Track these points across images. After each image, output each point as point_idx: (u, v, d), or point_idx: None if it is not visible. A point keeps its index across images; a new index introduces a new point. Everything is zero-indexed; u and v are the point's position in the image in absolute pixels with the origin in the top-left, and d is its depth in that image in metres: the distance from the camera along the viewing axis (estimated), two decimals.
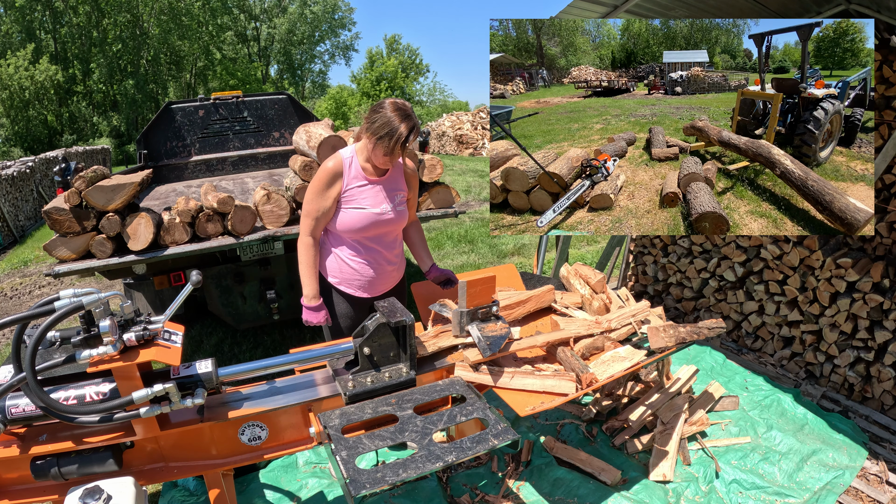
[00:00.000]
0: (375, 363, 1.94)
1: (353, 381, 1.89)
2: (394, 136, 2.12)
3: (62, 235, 2.85)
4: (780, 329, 3.74)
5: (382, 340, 1.92)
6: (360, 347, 1.90)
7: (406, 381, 1.93)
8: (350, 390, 1.85)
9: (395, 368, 1.95)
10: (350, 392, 1.85)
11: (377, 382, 1.89)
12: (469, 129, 19.32)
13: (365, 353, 1.91)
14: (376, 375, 1.92)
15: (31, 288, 7.01)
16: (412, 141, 2.18)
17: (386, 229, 2.42)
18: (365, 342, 1.90)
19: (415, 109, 32.16)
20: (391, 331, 1.92)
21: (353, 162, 2.32)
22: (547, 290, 2.56)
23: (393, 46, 42.38)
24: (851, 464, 2.77)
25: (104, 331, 1.55)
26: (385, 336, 1.92)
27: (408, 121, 2.14)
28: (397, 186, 2.42)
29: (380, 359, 1.94)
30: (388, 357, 1.95)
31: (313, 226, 2.34)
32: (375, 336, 1.90)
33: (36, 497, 1.78)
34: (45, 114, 28.34)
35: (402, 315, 1.89)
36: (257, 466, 2.84)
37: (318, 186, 2.30)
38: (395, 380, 1.92)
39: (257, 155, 5.61)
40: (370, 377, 1.91)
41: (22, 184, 11.18)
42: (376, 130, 2.15)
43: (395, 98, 2.22)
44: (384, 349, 1.93)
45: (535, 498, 2.59)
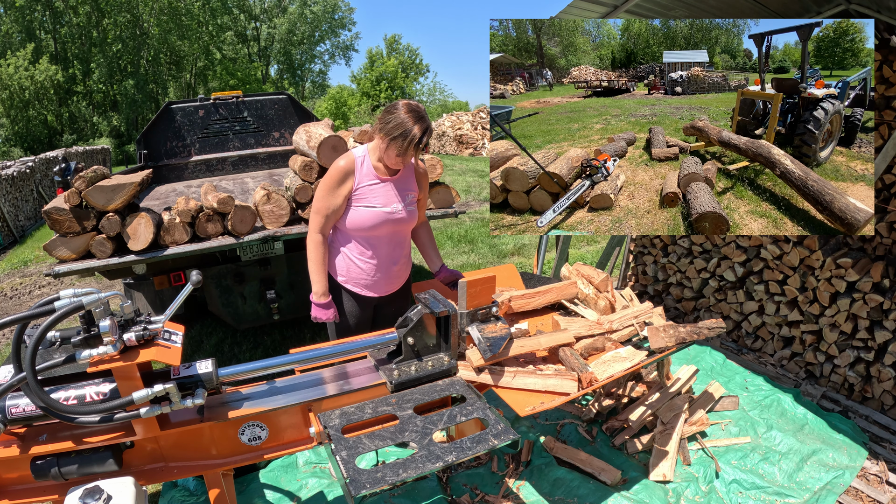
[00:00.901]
0: (418, 353, 2.00)
1: (398, 370, 1.95)
2: (407, 136, 2.15)
3: (62, 235, 2.85)
4: (780, 329, 3.74)
5: (426, 330, 1.98)
6: (405, 337, 1.95)
7: (448, 368, 1.99)
8: (396, 378, 1.92)
9: (436, 357, 2.01)
10: (396, 380, 1.91)
11: (421, 371, 1.96)
12: (469, 129, 19.32)
13: (409, 343, 1.96)
14: (419, 364, 1.98)
15: (31, 288, 7.01)
16: (425, 142, 2.22)
17: (395, 228, 2.43)
18: (409, 332, 1.95)
19: None
20: (434, 321, 1.98)
21: (366, 161, 2.34)
22: (570, 284, 2.58)
23: (393, 46, 42.40)
24: (851, 464, 2.77)
25: (104, 331, 1.55)
26: (428, 326, 1.98)
27: (421, 122, 2.17)
28: (409, 186, 2.43)
29: (421, 349, 2.00)
30: (428, 347, 2.01)
31: (323, 223, 2.36)
32: (419, 326, 1.96)
33: (36, 497, 1.78)
34: (45, 114, 28.34)
35: (444, 306, 1.95)
36: (257, 466, 2.84)
37: (329, 184, 2.32)
38: (438, 368, 1.98)
39: (257, 155, 5.61)
40: (414, 366, 1.97)
41: (22, 184, 11.18)
42: (390, 131, 2.18)
43: (408, 100, 2.25)
44: (426, 339, 1.99)
45: (535, 498, 2.59)
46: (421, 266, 6.53)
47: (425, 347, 2.00)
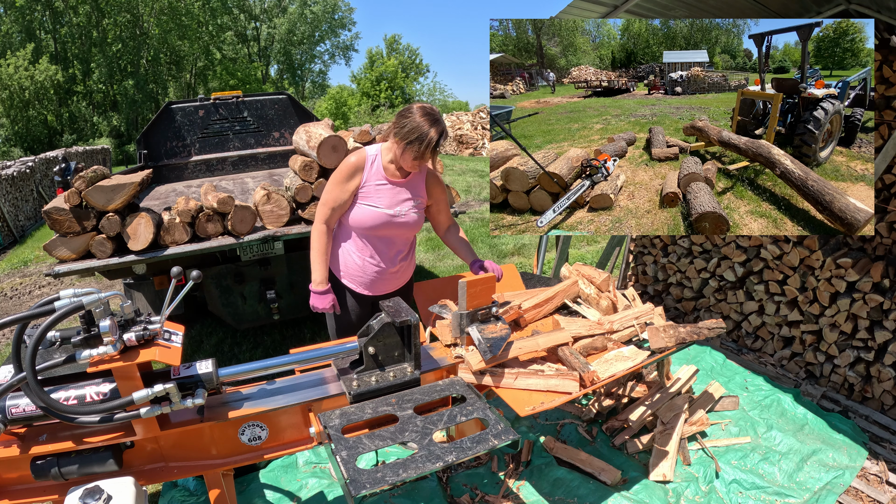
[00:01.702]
0: (380, 363, 1.94)
1: (358, 380, 1.89)
2: (424, 140, 2.16)
3: (62, 235, 2.85)
4: (780, 329, 3.74)
5: (387, 340, 1.92)
6: (365, 347, 1.90)
7: (410, 380, 1.93)
8: (355, 389, 1.86)
9: (399, 368, 1.95)
10: (355, 391, 1.85)
11: (382, 382, 1.90)
12: (469, 129, 19.32)
13: (370, 353, 1.91)
14: (381, 374, 1.92)
15: (31, 288, 7.01)
16: (442, 145, 2.24)
17: (396, 232, 2.43)
18: (370, 341, 1.90)
19: None
20: (396, 330, 1.92)
21: (377, 160, 2.36)
22: (572, 284, 2.58)
23: (393, 46, 42.37)
24: (851, 464, 2.77)
25: (104, 331, 1.55)
26: (390, 336, 1.92)
27: (437, 125, 2.18)
28: (417, 192, 2.43)
29: (384, 358, 1.94)
30: (392, 357, 1.95)
31: (329, 214, 2.38)
32: (380, 335, 1.90)
33: (36, 497, 1.78)
34: (45, 114, 28.33)
35: (406, 315, 1.89)
36: (257, 466, 2.84)
37: (338, 177, 2.35)
38: (400, 379, 1.92)
39: (257, 155, 5.61)
40: (375, 376, 1.91)
41: (22, 184, 11.18)
42: (406, 136, 2.17)
43: (422, 103, 2.27)
44: (389, 349, 1.94)
45: (535, 498, 2.59)
46: (421, 266, 6.53)
47: (389, 357, 1.95)
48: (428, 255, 6.99)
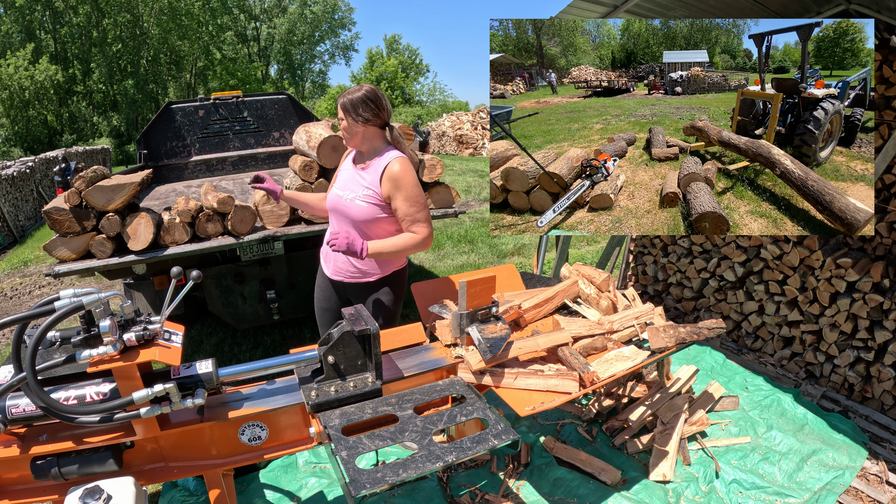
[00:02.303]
0: (341, 372, 1.88)
1: (318, 390, 1.83)
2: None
3: (62, 235, 2.85)
4: (780, 329, 3.74)
5: (347, 349, 1.87)
6: (324, 356, 1.84)
7: (371, 391, 1.86)
8: (313, 399, 1.80)
9: (361, 378, 1.89)
10: (313, 402, 1.80)
11: (341, 392, 1.83)
12: (469, 129, 19.32)
13: (329, 362, 1.85)
14: (341, 384, 1.86)
15: (31, 288, 7.01)
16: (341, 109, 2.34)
17: (339, 214, 2.49)
18: (329, 350, 1.84)
19: (415, 109, 31.65)
20: (356, 339, 1.87)
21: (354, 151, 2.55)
22: (572, 284, 2.58)
23: (393, 46, 42.39)
24: (851, 464, 2.77)
25: (104, 331, 1.55)
26: (350, 345, 1.86)
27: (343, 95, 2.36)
28: (370, 183, 2.37)
29: (346, 367, 1.88)
30: (355, 366, 1.89)
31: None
32: (340, 344, 1.85)
33: (36, 497, 1.78)
34: (45, 114, 28.34)
35: (366, 323, 1.84)
36: (257, 466, 2.84)
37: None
38: (360, 389, 1.85)
39: (257, 155, 5.61)
40: (334, 386, 1.85)
41: (22, 184, 11.18)
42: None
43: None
44: (350, 358, 1.88)
45: (535, 498, 2.59)
46: (421, 266, 6.53)
47: (352, 366, 1.89)
48: (428, 255, 6.99)
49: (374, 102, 2.30)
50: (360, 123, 2.32)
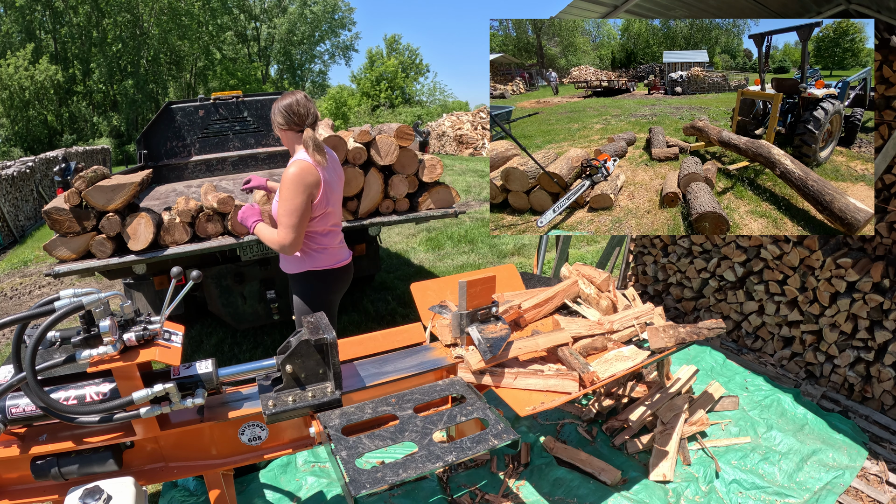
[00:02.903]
0: (301, 381, 1.84)
1: (275, 399, 1.80)
2: None
3: (62, 235, 2.85)
4: (780, 329, 3.74)
5: (306, 358, 1.83)
6: (282, 365, 1.81)
7: (330, 401, 1.83)
8: (270, 409, 1.77)
9: (320, 387, 1.85)
10: (270, 411, 1.77)
11: (299, 402, 1.80)
12: (469, 129, 19.31)
13: (287, 371, 1.82)
14: (300, 394, 1.82)
15: (31, 288, 7.01)
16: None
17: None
18: (287, 359, 1.80)
19: (415, 109, 31.57)
20: (315, 348, 1.83)
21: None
22: (572, 284, 2.57)
23: (393, 46, 42.35)
24: (851, 464, 2.77)
25: (104, 331, 1.55)
26: (309, 353, 1.82)
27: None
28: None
29: (307, 376, 1.85)
30: (316, 374, 1.86)
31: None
32: (298, 353, 1.81)
33: (36, 497, 1.78)
34: (45, 114, 28.34)
35: (324, 332, 1.81)
36: (257, 466, 2.84)
37: None
38: (319, 399, 1.82)
39: (257, 155, 5.61)
40: (293, 396, 1.82)
41: (22, 184, 11.18)
42: None
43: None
44: (310, 366, 1.84)
45: (535, 498, 2.59)
46: (421, 266, 6.53)
47: (313, 375, 1.85)
48: (428, 255, 6.99)
49: (287, 110, 2.43)
50: (277, 129, 2.51)
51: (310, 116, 2.45)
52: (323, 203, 2.45)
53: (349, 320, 4.87)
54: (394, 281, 5.89)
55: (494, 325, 2.08)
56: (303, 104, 2.44)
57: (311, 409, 1.81)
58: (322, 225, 2.54)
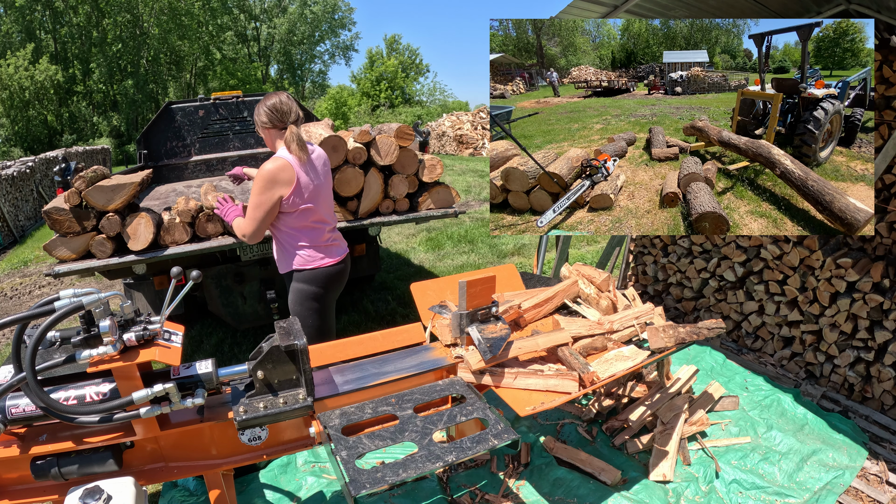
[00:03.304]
0: (273, 387, 1.82)
1: (247, 406, 1.79)
2: None
3: (62, 235, 2.85)
4: (780, 329, 3.74)
5: (278, 364, 1.81)
6: (254, 370, 1.79)
7: (301, 407, 1.80)
8: (241, 416, 1.76)
9: (292, 394, 1.83)
10: (240, 418, 1.75)
11: (270, 408, 1.79)
12: (469, 129, 19.31)
13: (259, 377, 1.80)
14: (272, 400, 1.81)
15: (31, 288, 7.01)
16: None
17: None
18: (257, 365, 1.79)
19: (415, 109, 31.47)
20: (286, 354, 1.80)
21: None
22: (572, 284, 2.57)
23: (393, 46, 42.36)
24: (851, 464, 2.77)
25: (104, 331, 1.55)
26: (280, 359, 1.80)
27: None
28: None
29: (280, 382, 1.83)
30: (289, 381, 1.84)
31: None
32: (269, 359, 1.79)
33: (36, 497, 1.78)
34: (45, 114, 28.34)
35: (294, 338, 1.78)
36: (257, 466, 2.84)
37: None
38: (290, 406, 1.79)
39: (257, 155, 5.61)
40: (264, 402, 1.80)
41: (22, 184, 11.18)
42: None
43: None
44: (283, 372, 1.82)
45: (535, 498, 2.59)
46: (421, 266, 6.53)
47: (286, 381, 1.83)
48: (428, 255, 6.99)
49: (271, 108, 2.50)
50: (261, 128, 2.58)
51: (292, 114, 2.52)
52: (296, 199, 2.49)
53: (349, 320, 4.87)
54: (394, 281, 5.89)
55: (494, 325, 2.08)
56: (285, 102, 2.52)
57: (282, 416, 1.79)
58: (301, 221, 2.57)
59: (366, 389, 1.98)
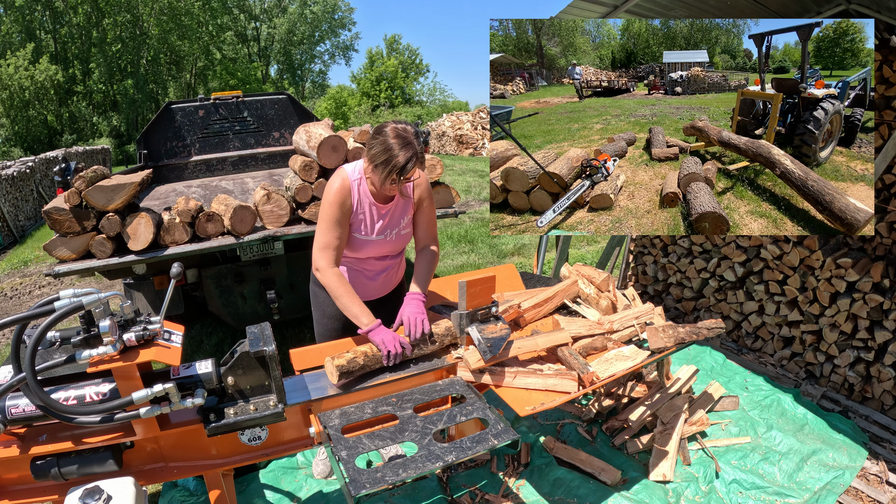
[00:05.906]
0: (244, 394, 1.81)
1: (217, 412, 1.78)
2: (389, 164, 1.98)
3: (62, 235, 2.85)
4: (780, 329, 3.74)
5: (249, 370, 1.79)
6: (224, 377, 1.78)
7: (272, 414, 1.80)
8: (211, 422, 1.76)
9: (263, 400, 1.82)
10: (210, 426, 1.75)
11: (240, 415, 1.78)
12: (469, 129, 19.31)
13: (229, 384, 1.79)
14: (243, 407, 1.80)
15: (31, 288, 7.01)
16: (412, 171, 2.02)
17: (384, 252, 2.37)
18: (228, 371, 1.77)
19: (415, 109, 31.24)
20: (257, 360, 1.78)
21: (362, 183, 2.21)
22: (571, 284, 2.57)
23: (393, 46, 42.34)
24: (851, 464, 2.77)
25: (104, 331, 1.55)
26: (251, 365, 1.78)
27: (406, 149, 1.98)
28: (405, 212, 2.32)
29: (252, 388, 1.82)
30: (261, 387, 1.82)
31: (335, 256, 2.18)
32: (239, 365, 1.77)
33: (36, 497, 1.78)
34: (45, 114, 28.33)
35: (264, 344, 1.76)
36: (257, 466, 2.84)
37: (332, 214, 2.15)
38: (260, 413, 1.79)
39: (257, 155, 5.61)
40: (235, 409, 1.79)
41: (22, 184, 11.18)
42: (374, 157, 2.02)
43: (399, 122, 2.06)
44: (255, 378, 1.81)
45: (535, 498, 2.59)
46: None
47: (258, 387, 1.82)
48: None
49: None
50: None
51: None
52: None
53: None
54: None
55: (494, 325, 2.08)
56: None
57: (252, 422, 1.78)
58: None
59: (366, 389, 1.98)
